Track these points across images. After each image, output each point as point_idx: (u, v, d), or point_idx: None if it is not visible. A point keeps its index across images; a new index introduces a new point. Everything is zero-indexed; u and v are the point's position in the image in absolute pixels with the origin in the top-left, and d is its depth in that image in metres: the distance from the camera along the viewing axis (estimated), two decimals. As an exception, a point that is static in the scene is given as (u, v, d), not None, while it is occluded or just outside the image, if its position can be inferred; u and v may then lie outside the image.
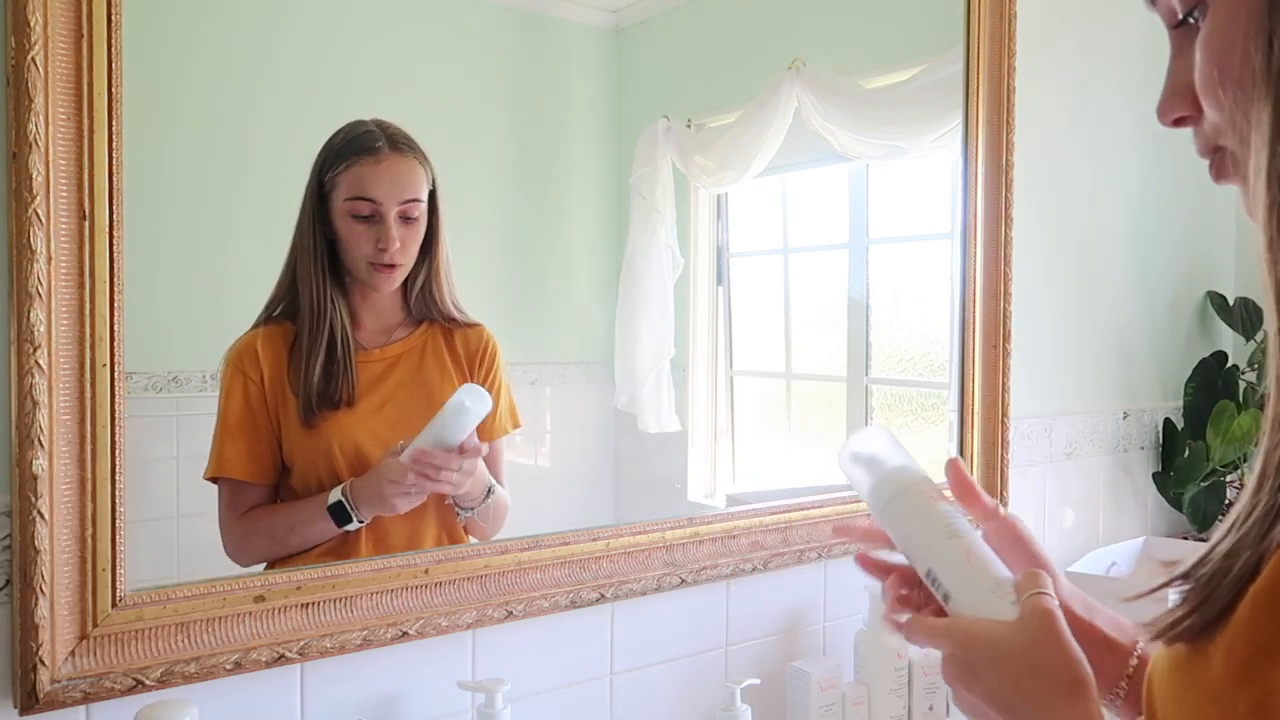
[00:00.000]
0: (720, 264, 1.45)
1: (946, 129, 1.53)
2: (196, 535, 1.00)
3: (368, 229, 1.04)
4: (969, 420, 1.55)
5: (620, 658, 1.21)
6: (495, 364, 1.16)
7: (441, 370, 1.13)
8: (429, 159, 1.08)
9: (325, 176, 1.03)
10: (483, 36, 1.20)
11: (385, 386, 1.09)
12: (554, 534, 1.15)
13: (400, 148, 1.06)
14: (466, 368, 1.14)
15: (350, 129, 1.05)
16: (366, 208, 1.04)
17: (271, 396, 1.02)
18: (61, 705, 0.83)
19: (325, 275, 1.04)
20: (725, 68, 1.45)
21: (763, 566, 1.30)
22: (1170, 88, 0.58)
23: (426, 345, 1.12)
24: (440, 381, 1.13)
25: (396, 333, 1.11)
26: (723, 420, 1.47)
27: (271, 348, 1.03)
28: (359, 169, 1.03)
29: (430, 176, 1.08)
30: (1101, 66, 1.80)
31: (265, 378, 1.02)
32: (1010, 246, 1.55)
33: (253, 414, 1.02)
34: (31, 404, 0.80)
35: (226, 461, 1.01)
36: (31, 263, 0.80)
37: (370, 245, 1.05)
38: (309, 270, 1.03)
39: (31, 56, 0.79)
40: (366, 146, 1.04)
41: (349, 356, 1.05)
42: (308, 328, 1.04)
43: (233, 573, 0.97)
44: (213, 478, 1.01)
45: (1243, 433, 1.78)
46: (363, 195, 1.04)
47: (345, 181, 1.03)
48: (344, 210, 1.04)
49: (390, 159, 1.05)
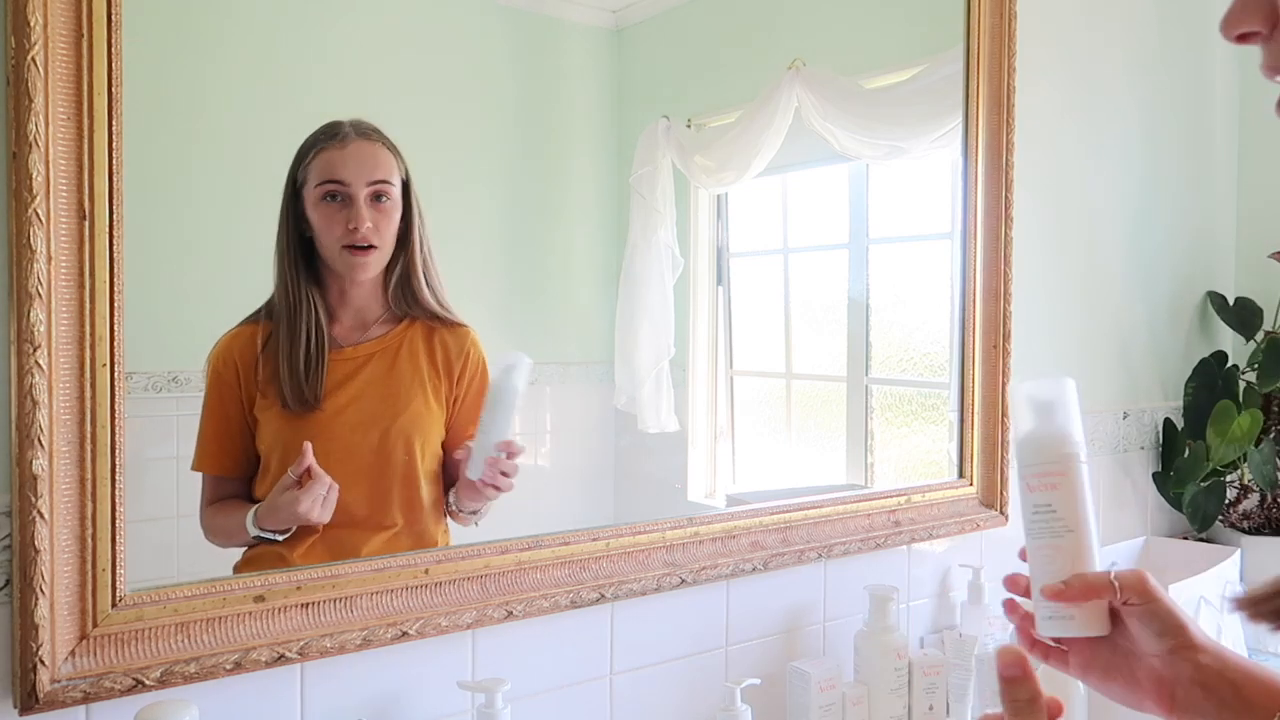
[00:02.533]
0: (720, 264, 1.45)
1: (946, 129, 1.53)
2: (196, 535, 1.00)
3: (338, 211, 1.05)
4: (969, 420, 1.55)
5: (620, 658, 1.21)
6: (480, 370, 1.15)
7: (414, 371, 1.12)
8: (399, 150, 1.09)
9: (297, 171, 1.05)
10: (483, 36, 1.20)
11: (353, 386, 1.08)
12: (554, 534, 1.15)
13: (367, 134, 1.07)
14: (444, 373, 1.13)
15: (321, 127, 1.07)
16: (335, 189, 1.05)
17: (246, 394, 1.03)
18: (61, 705, 0.83)
19: (299, 271, 1.05)
20: (725, 68, 1.45)
21: (763, 566, 1.30)
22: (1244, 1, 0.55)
23: (403, 344, 1.11)
24: (410, 383, 1.12)
25: (373, 330, 1.10)
26: (723, 420, 1.46)
27: (246, 347, 1.04)
28: (326, 154, 1.05)
29: (402, 166, 1.09)
30: (1102, 66, 1.80)
31: (239, 377, 1.03)
32: (1010, 246, 1.55)
33: (225, 412, 1.03)
34: (31, 404, 0.80)
35: (200, 457, 1.03)
36: (31, 263, 0.80)
37: (341, 227, 1.05)
38: (283, 267, 1.05)
39: (31, 56, 0.79)
40: (332, 134, 1.06)
41: (321, 354, 1.06)
42: (282, 325, 1.04)
43: (232, 573, 0.97)
44: (196, 470, 1.04)
45: (1243, 433, 1.77)
46: (331, 178, 1.05)
47: (314, 169, 1.05)
48: (315, 197, 1.05)
49: (356, 143, 1.07)
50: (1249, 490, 1.91)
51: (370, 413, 1.09)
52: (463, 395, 1.14)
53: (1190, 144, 1.96)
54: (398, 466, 1.10)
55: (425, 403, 1.12)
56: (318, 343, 1.06)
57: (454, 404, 1.14)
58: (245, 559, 1.03)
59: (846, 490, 1.47)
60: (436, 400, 1.13)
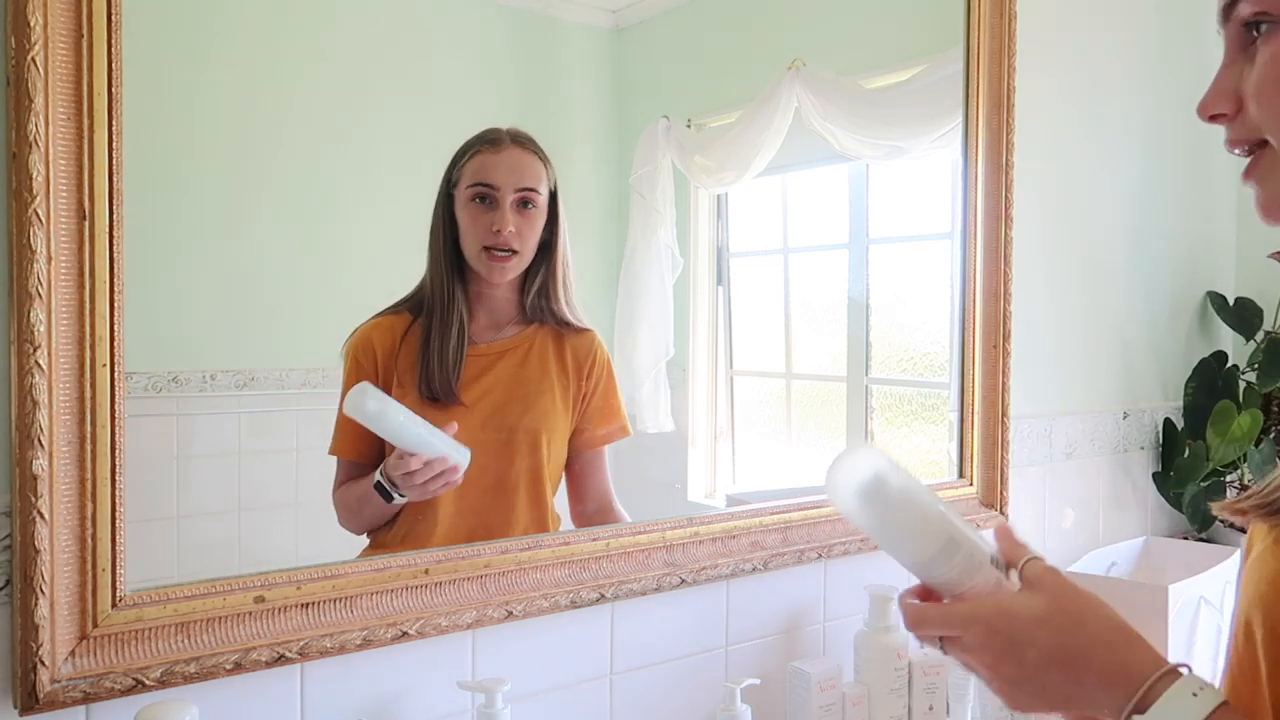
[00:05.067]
0: (720, 264, 1.45)
1: (946, 129, 1.53)
2: (196, 535, 1.00)
3: (485, 213, 1.10)
4: (969, 420, 1.55)
5: (620, 658, 1.21)
6: (605, 371, 1.20)
7: (543, 370, 1.16)
8: (550, 160, 1.14)
9: (453, 171, 1.10)
10: (482, 36, 1.20)
11: (485, 381, 1.13)
12: (554, 534, 1.15)
13: (522, 142, 1.12)
14: (573, 373, 1.17)
15: (480, 132, 1.11)
16: (484, 191, 1.09)
17: (384, 382, 1.07)
18: (61, 705, 0.83)
19: (449, 267, 1.10)
20: (725, 68, 1.45)
21: (763, 566, 1.30)
22: (1216, 90, 0.67)
23: (533, 345, 1.16)
24: (539, 381, 1.16)
25: (506, 329, 1.14)
26: (723, 420, 1.46)
27: (386, 336, 1.08)
28: (480, 157, 1.10)
29: (551, 177, 1.13)
30: (1102, 66, 1.80)
31: (377, 365, 1.07)
32: (1010, 246, 1.55)
33: None
34: (31, 404, 0.80)
35: (336, 441, 1.08)
36: (31, 263, 0.80)
37: (485, 229, 1.10)
38: (436, 261, 1.09)
39: (31, 56, 0.79)
40: (489, 139, 1.11)
41: (462, 349, 1.10)
42: (434, 318, 1.09)
43: (233, 573, 0.97)
44: (332, 455, 1.09)
45: (1243, 433, 1.78)
46: (481, 180, 1.10)
47: (468, 170, 1.10)
48: (465, 198, 1.09)
49: (510, 149, 1.11)
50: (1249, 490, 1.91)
51: (501, 408, 1.13)
52: (590, 393, 1.18)
53: (1191, 144, 1.96)
54: (524, 462, 1.14)
55: (553, 401, 1.16)
56: (460, 338, 1.10)
57: (582, 401, 1.19)
58: (375, 543, 1.07)
59: (846, 490, 1.47)
60: (564, 399, 1.17)
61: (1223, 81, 0.67)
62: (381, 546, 1.07)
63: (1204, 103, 0.68)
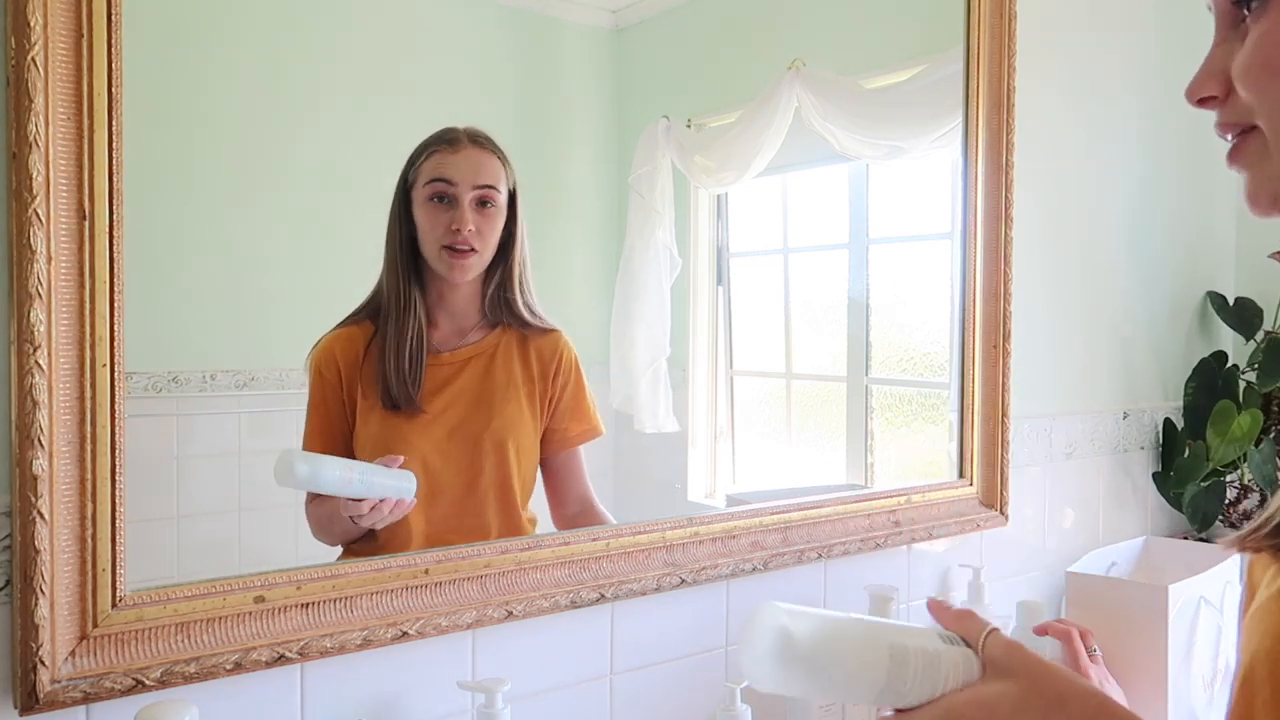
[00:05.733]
0: (720, 264, 1.45)
1: (946, 129, 1.53)
2: (196, 535, 1.00)
3: (443, 212, 1.08)
4: (969, 420, 1.55)
5: (620, 658, 1.21)
6: (573, 371, 1.18)
7: (508, 376, 1.14)
8: (509, 160, 1.12)
9: (409, 171, 1.08)
10: (482, 36, 1.20)
11: (450, 390, 1.11)
12: (554, 534, 1.15)
13: (480, 142, 1.11)
14: (539, 376, 1.16)
15: (436, 132, 1.10)
16: (442, 189, 1.08)
17: (348, 395, 1.06)
18: (61, 705, 0.83)
19: (406, 269, 1.08)
20: (725, 68, 1.45)
21: (763, 566, 1.30)
22: (1206, 70, 0.64)
23: (497, 350, 1.14)
24: (505, 388, 1.14)
25: (469, 335, 1.13)
26: (723, 420, 1.46)
27: (349, 347, 1.07)
28: (438, 157, 1.09)
29: (510, 177, 1.12)
30: (1102, 66, 1.80)
31: (341, 377, 1.06)
32: (1010, 246, 1.55)
33: (327, 411, 1.06)
34: (31, 404, 0.80)
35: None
36: (31, 263, 0.80)
37: (444, 228, 1.08)
38: (392, 263, 1.08)
39: (31, 56, 0.79)
40: (446, 139, 1.09)
41: (421, 356, 1.08)
42: (389, 325, 1.07)
43: (232, 573, 0.97)
44: None
45: (1243, 433, 1.78)
46: (439, 177, 1.08)
47: (425, 169, 1.08)
48: (423, 196, 1.08)
49: (468, 149, 1.10)
50: (1249, 490, 1.91)
51: (466, 417, 1.12)
52: (558, 394, 1.17)
53: (1191, 143, 1.96)
54: (492, 470, 1.13)
55: (519, 407, 1.15)
56: (418, 341, 1.08)
57: (550, 403, 1.17)
58: (349, 551, 1.06)
59: (846, 490, 1.47)
60: (530, 405, 1.16)
61: (1212, 62, 0.63)
62: (356, 555, 1.06)
63: (1192, 85, 0.64)
